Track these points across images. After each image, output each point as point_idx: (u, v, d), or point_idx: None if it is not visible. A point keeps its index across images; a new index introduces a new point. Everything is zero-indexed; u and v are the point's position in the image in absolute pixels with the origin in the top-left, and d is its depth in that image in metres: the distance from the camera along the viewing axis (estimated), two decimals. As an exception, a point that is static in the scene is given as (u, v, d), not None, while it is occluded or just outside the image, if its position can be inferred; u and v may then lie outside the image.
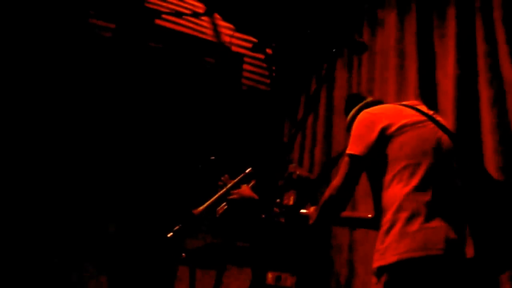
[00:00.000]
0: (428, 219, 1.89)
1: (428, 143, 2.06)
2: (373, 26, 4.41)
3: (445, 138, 2.11)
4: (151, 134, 4.83)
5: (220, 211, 2.65)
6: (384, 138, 2.07)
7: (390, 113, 2.17)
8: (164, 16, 5.25)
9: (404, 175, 1.99)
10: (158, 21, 5.21)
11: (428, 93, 3.56)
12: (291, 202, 2.89)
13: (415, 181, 1.96)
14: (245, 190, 2.58)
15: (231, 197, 2.60)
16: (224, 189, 2.65)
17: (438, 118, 2.22)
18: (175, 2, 5.37)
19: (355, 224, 2.89)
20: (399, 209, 1.94)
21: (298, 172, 3.09)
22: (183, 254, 3.95)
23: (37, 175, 4.28)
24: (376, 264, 1.96)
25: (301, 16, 5.01)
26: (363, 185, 2.27)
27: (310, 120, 4.90)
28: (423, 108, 2.25)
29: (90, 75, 4.68)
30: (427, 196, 1.94)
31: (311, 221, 2.36)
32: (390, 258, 1.89)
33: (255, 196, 2.54)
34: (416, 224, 1.88)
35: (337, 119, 4.56)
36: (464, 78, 3.32)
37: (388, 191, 2.02)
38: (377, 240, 2.00)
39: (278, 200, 2.74)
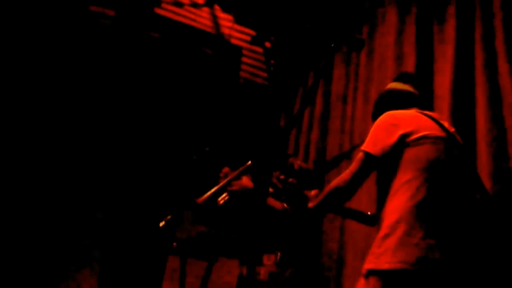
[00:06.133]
0: (427, 235, 1.90)
1: (442, 161, 2.05)
2: (372, 24, 4.41)
3: (460, 158, 2.11)
4: (147, 124, 4.83)
5: (221, 201, 2.71)
6: (402, 144, 2.07)
7: (413, 121, 2.16)
8: (164, 5, 5.23)
9: (413, 186, 1.99)
10: (157, 10, 5.19)
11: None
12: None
13: (422, 195, 1.97)
14: (246, 181, 2.65)
15: (232, 188, 2.67)
16: (226, 180, 2.71)
17: (458, 137, 2.23)
18: (175, -9, 5.36)
19: (352, 216, 2.88)
20: (401, 219, 1.94)
21: (298, 163, 3.13)
22: (174, 244, 3.96)
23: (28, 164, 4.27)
24: (369, 266, 1.97)
25: (301, 10, 5.01)
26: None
27: (306, 115, 4.90)
28: (445, 123, 2.25)
29: (88, 63, 4.67)
30: (430, 212, 1.94)
31: (311, 204, 2.37)
32: (384, 264, 1.90)
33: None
34: (415, 238, 1.89)
35: (333, 113, 4.57)
36: (461, 83, 3.32)
37: (394, 198, 2.02)
38: (374, 242, 2.01)
39: (282, 177, 2.78)
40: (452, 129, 2.23)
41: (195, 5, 5.38)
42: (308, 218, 2.99)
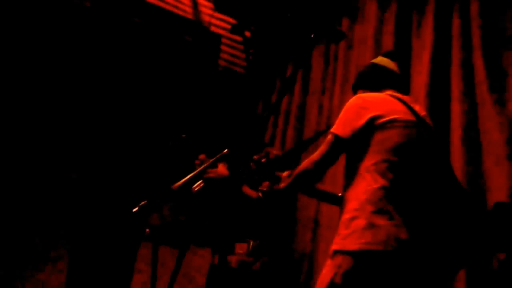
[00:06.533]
0: (394, 216, 1.91)
1: (411, 145, 2.06)
2: (352, 16, 4.43)
3: (429, 143, 2.13)
4: (123, 109, 4.78)
5: (196, 188, 2.70)
6: (371, 127, 2.07)
7: (383, 104, 2.15)
8: (144, -11, 5.17)
9: (381, 169, 2.00)
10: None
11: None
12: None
13: (389, 178, 1.98)
14: (222, 169, 2.65)
15: (208, 175, 2.66)
16: (202, 167, 2.70)
17: (428, 121, 2.23)
18: (156, -24, 5.29)
19: (324, 198, 2.87)
20: (368, 201, 1.95)
21: (274, 152, 3.13)
22: (147, 230, 3.94)
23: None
24: (335, 247, 1.98)
25: (281, 1, 5.00)
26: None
27: (284, 104, 4.91)
28: (417, 107, 2.25)
29: (66, 44, 4.59)
30: (398, 195, 1.96)
31: (282, 185, 2.37)
32: (351, 245, 1.91)
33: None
34: (383, 219, 1.90)
35: (311, 104, 4.58)
36: (438, 76, 3.35)
37: (362, 181, 2.03)
38: (341, 224, 2.02)
39: (255, 157, 2.78)
40: (422, 113, 2.24)
41: (176, -9, 5.33)
42: (279, 199, 3.00)
